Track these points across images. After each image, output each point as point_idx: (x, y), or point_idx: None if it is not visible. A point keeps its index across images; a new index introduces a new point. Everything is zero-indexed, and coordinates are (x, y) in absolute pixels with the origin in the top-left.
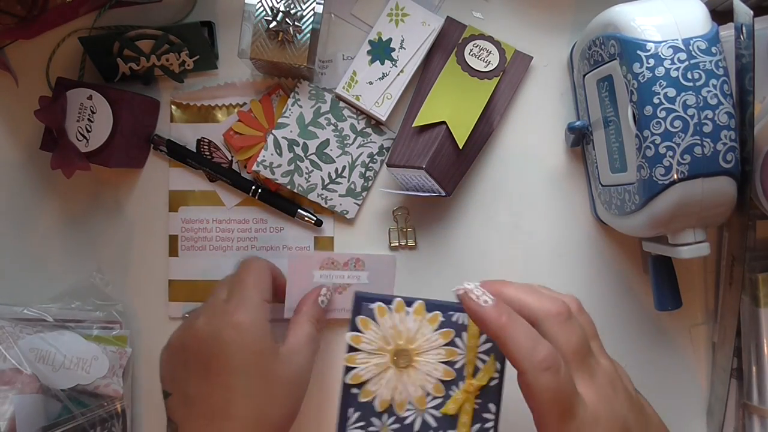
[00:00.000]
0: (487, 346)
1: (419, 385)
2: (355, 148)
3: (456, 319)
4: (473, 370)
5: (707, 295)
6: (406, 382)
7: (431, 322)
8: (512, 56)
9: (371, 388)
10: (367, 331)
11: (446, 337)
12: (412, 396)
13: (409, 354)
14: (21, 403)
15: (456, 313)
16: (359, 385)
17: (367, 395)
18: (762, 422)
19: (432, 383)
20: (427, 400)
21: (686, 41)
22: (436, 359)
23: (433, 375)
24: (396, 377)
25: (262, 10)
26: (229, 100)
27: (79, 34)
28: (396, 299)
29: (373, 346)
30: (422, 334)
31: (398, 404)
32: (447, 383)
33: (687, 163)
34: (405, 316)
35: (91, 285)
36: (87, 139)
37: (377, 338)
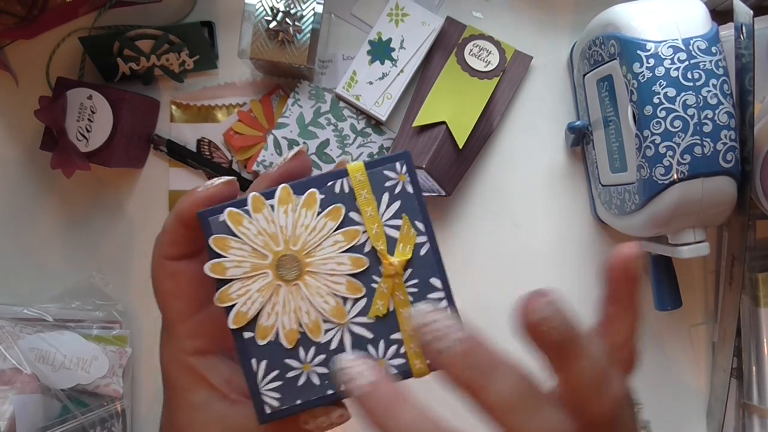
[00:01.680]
0: (394, 208)
1: (328, 293)
2: (355, 148)
3: (339, 188)
4: (387, 246)
5: (707, 295)
6: (309, 296)
7: (308, 206)
8: (512, 56)
9: (266, 322)
10: (228, 253)
11: (336, 217)
12: (324, 310)
13: (296, 259)
14: (21, 402)
15: (336, 181)
16: (249, 325)
17: (265, 333)
18: (762, 422)
19: (343, 284)
20: (347, 308)
21: (686, 41)
22: (335, 251)
23: (339, 272)
24: (292, 296)
25: (262, 10)
26: (229, 100)
27: (79, 34)
28: (251, 195)
29: (244, 268)
30: (303, 226)
31: (311, 329)
32: (362, 276)
33: (687, 163)
34: (270, 213)
35: (91, 285)
36: (87, 139)
37: (245, 255)
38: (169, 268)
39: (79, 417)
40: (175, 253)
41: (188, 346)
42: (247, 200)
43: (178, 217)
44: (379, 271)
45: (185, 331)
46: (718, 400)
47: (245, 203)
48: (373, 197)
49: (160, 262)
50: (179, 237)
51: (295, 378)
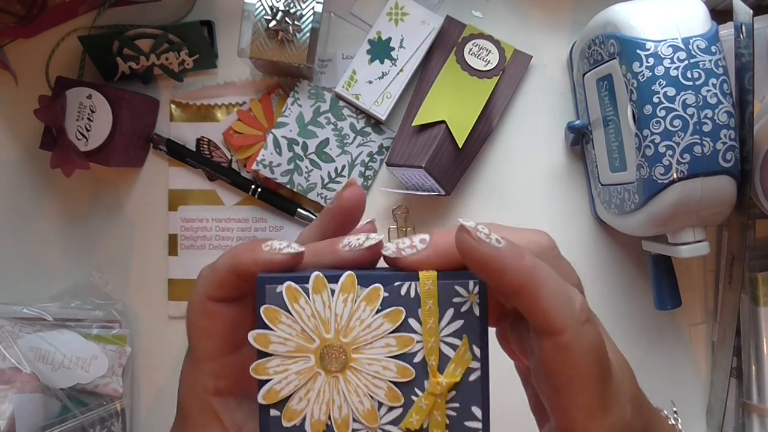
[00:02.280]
0: (456, 325)
1: (365, 394)
2: (355, 147)
3: (406, 291)
4: (438, 363)
5: (707, 294)
6: (346, 391)
7: (369, 301)
8: (512, 55)
9: (296, 406)
10: (277, 327)
11: (394, 320)
12: (357, 410)
13: (343, 351)
14: (20, 402)
15: (405, 283)
16: (279, 404)
17: (292, 417)
18: (762, 421)
19: (383, 389)
20: (380, 413)
21: (686, 40)
22: (384, 354)
23: (382, 377)
24: (329, 387)
25: (261, 9)
26: (228, 99)
27: (78, 33)
28: (314, 274)
29: (288, 347)
30: (359, 320)
31: (339, 425)
32: (404, 386)
33: (686, 163)
34: (329, 298)
35: (91, 284)
36: (86, 138)
37: (293, 334)
38: (209, 308)
39: (78, 416)
40: (219, 296)
41: (211, 385)
42: (310, 278)
43: (234, 268)
44: (423, 385)
45: (211, 370)
46: (717, 400)
47: (307, 280)
48: (437, 309)
49: (201, 300)
50: (228, 283)
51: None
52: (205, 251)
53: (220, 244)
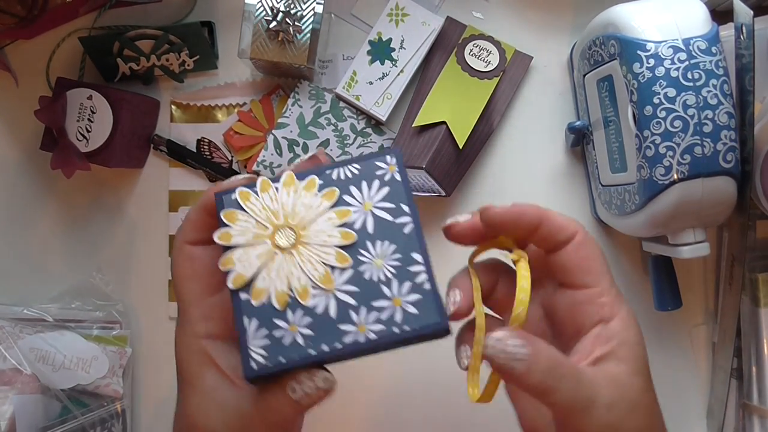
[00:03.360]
0: (384, 192)
1: (318, 262)
2: (355, 148)
3: (336, 175)
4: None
5: (707, 295)
6: (301, 263)
7: (308, 188)
8: (512, 56)
9: (261, 285)
10: (235, 224)
11: (331, 198)
12: (313, 277)
13: (292, 230)
14: (21, 403)
15: (335, 169)
16: (246, 287)
17: (260, 295)
18: (762, 422)
19: (332, 254)
20: (334, 276)
21: (686, 41)
22: (328, 225)
23: (329, 244)
24: (286, 262)
25: (262, 10)
26: (229, 100)
27: (79, 34)
28: (260, 178)
29: (247, 236)
30: (302, 204)
31: (300, 293)
32: (351, 249)
33: (687, 163)
34: (275, 193)
35: (91, 285)
36: (87, 139)
37: (249, 226)
38: (188, 252)
39: (79, 417)
40: (195, 238)
41: (201, 329)
42: (257, 182)
43: (202, 205)
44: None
45: (199, 314)
46: (718, 400)
47: (255, 185)
48: (367, 184)
49: (181, 246)
50: (201, 224)
51: (282, 338)
52: None
53: None
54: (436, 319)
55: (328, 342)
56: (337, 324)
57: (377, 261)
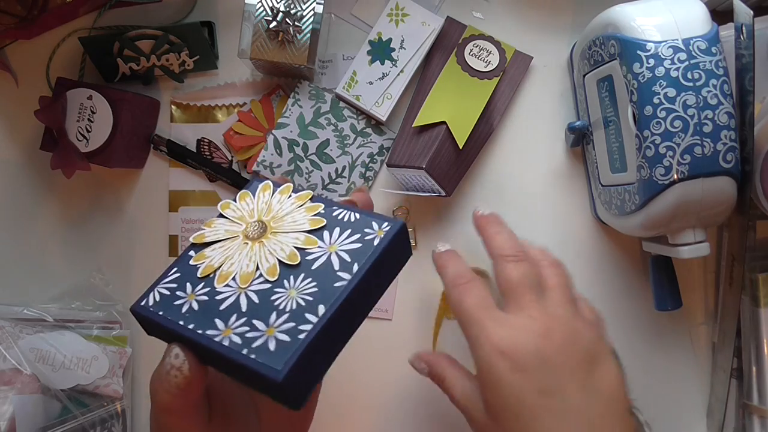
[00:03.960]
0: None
1: (255, 261)
2: (355, 148)
3: (337, 213)
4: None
5: (707, 295)
6: (245, 254)
7: (309, 210)
8: (512, 56)
9: (208, 252)
10: (240, 203)
11: (304, 199)
12: (241, 270)
13: (265, 228)
14: (21, 403)
15: (340, 210)
16: (200, 246)
17: (200, 259)
18: (762, 422)
19: (269, 264)
20: (254, 279)
21: (686, 41)
22: (291, 242)
23: (275, 254)
24: (238, 248)
25: (262, 10)
26: (229, 100)
27: (79, 34)
28: (287, 184)
29: (236, 214)
30: (291, 217)
31: (221, 275)
32: (286, 269)
33: (687, 163)
34: (252, 199)
35: (91, 285)
36: (87, 139)
37: (245, 210)
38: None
39: (79, 417)
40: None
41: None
42: (283, 186)
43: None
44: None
45: None
46: (718, 400)
47: (282, 186)
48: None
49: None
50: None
51: (178, 298)
52: None
53: None
54: (277, 366)
55: (198, 325)
56: (215, 317)
57: (292, 292)
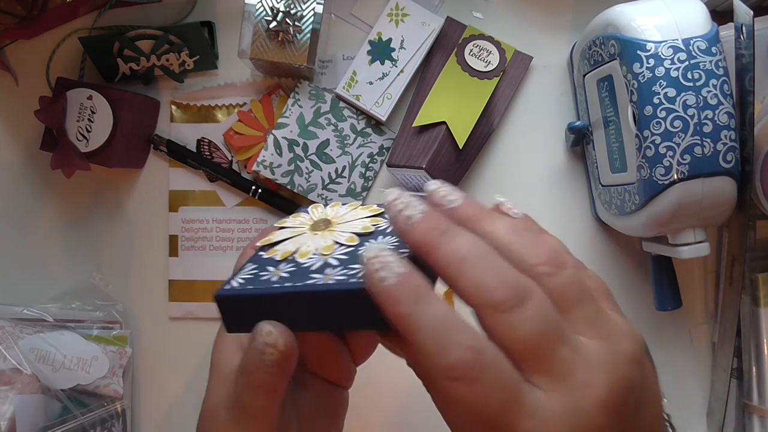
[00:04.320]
0: None
1: (330, 239)
2: (355, 148)
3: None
4: None
5: (707, 295)
6: (318, 238)
7: (365, 209)
8: (512, 56)
9: (279, 247)
10: (296, 218)
11: (374, 213)
12: (319, 246)
13: (329, 222)
14: (21, 403)
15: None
16: (267, 247)
17: (273, 252)
18: (762, 422)
19: (345, 235)
20: (336, 249)
21: (686, 41)
22: (359, 222)
23: (349, 231)
24: (309, 237)
25: (262, 10)
26: (229, 100)
27: (79, 34)
28: (336, 201)
29: (295, 222)
30: (351, 214)
31: (302, 253)
32: (363, 236)
33: (687, 163)
34: (340, 207)
35: (91, 285)
36: (87, 139)
37: (304, 218)
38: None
39: (79, 417)
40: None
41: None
42: (331, 202)
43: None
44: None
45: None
46: (718, 400)
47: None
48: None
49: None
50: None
51: (263, 275)
52: (206, 252)
53: (221, 245)
54: None
55: (294, 282)
56: (310, 273)
57: (378, 244)
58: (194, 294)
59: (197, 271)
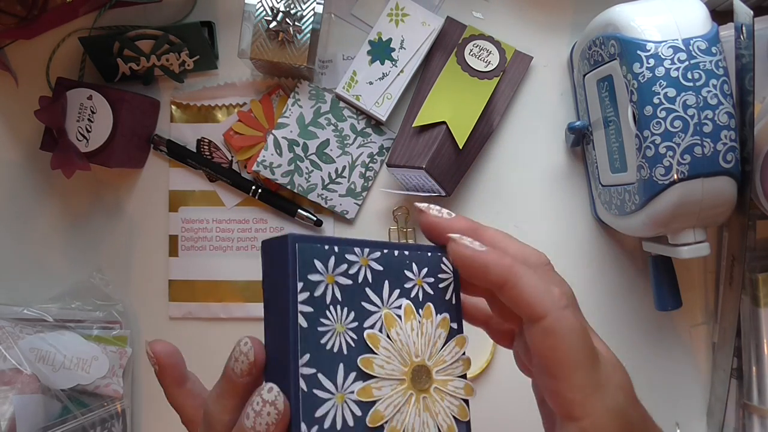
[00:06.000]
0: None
1: (436, 423)
2: (355, 148)
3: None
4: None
5: (707, 295)
6: (425, 414)
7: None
8: (512, 56)
9: (375, 391)
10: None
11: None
12: (442, 428)
13: (428, 372)
14: (21, 403)
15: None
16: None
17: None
18: (762, 422)
19: (447, 422)
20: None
21: (686, 41)
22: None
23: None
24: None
25: (262, 10)
26: (229, 100)
27: (79, 34)
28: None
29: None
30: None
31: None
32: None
33: (687, 163)
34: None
35: (91, 285)
36: (87, 139)
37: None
38: None
39: (79, 417)
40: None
41: None
42: (401, 306)
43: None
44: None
45: None
46: (718, 400)
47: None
48: None
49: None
50: None
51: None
52: (206, 252)
53: (221, 245)
54: None
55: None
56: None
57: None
58: (194, 294)
59: (197, 271)
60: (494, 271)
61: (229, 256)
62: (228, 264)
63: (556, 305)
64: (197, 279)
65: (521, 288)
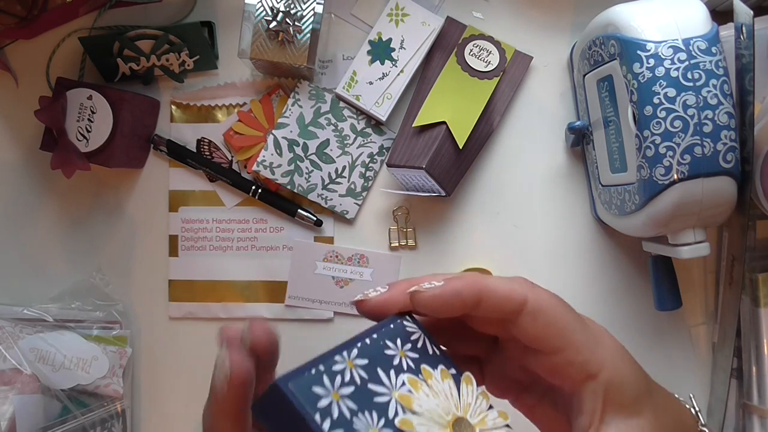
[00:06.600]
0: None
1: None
2: (355, 148)
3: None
4: None
5: (707, 295)
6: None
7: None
8: (512, 56)
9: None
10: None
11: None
12: None
13: (465, 421)
14: (21, 403)
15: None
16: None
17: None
18: (762, 422)
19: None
20: None
21: (686, 41)
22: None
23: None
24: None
25: (262, 10)
26: (229, 100)
27: (79, 34)
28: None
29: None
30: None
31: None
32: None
33: (687, 163)
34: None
35: (91, 285)
36: (87, 139)
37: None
38: None
39: (79, 417)
40: None
41: None
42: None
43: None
44: None
45: None
46: (718, 401)
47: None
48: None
49: None
50: None
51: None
52: (206, 252)
53: (221, 245)
54: None
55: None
56: None
57: None
58: (194, 294)
59: (197, 271)
60: (465, 292)
61: (229, 256)
62: (228, 264)
63: (528, 289)
64: (197, 279)
65: (494, 291)
